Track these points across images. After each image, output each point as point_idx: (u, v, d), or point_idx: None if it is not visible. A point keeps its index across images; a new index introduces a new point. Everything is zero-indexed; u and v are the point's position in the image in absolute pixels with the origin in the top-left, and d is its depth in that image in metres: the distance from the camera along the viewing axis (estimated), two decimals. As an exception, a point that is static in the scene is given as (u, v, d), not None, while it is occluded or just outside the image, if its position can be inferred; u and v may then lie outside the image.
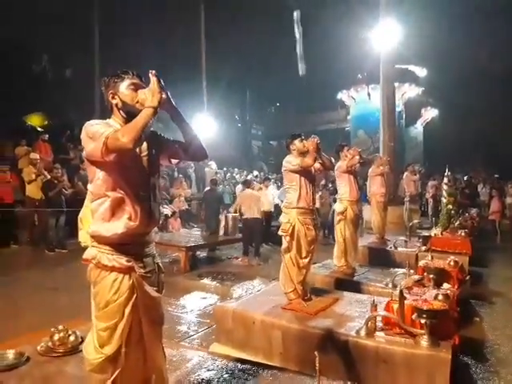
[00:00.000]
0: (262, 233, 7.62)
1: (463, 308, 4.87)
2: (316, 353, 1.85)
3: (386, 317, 3.23)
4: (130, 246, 1.91)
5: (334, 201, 13.41)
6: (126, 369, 1.96)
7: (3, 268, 6.06)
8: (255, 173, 12.77)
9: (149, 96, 1.83)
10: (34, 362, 2.71)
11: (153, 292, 1.98)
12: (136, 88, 1.94)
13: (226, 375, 2.62)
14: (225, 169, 14.10)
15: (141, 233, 1.95)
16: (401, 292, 3.09)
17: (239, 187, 11.10)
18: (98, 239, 1.89)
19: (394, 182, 10.52)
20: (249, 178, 10.96)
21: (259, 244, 7.48)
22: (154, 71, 1.89)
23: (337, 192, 5.67)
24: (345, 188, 5.29)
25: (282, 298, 3.94)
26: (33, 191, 7.22)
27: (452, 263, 4.68)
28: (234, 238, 7.66)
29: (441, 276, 4.51)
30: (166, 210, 9.74)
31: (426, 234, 6.28)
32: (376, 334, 3.16)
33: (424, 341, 2.95)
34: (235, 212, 7.98)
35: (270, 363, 3.41)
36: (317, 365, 1.81)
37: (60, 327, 2.98)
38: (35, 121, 15.37)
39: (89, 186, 1.95)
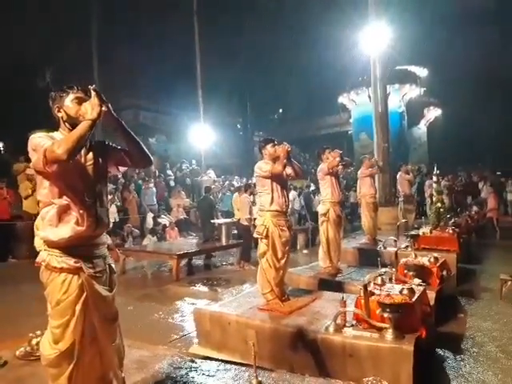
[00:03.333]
0: (250, 238, 7.72)
1: (448, 304, 4.95)
2: (251, 342, 1.94)
3: (355, 312, 3.32)
4: (78, 248, 2.04)
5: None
6: (82, 365, 2.08)
7: (2, 281, 6.26)
8: (254, 179, 12.90)
9: (89, 109, 1.97)
10: (11, 366, 2.86)
11: (103, 291, 2.10)
12: (80, 102, 2.08)
13: (192, 373, 2.70)
14: (223, 177, 14.27)
15: (89, 236, 2.07)
16: (365, 287, 3.18)
17: (236, 194, 11.24)
18: (48, 243, 2.02)
19: (390, 183, 10.58)
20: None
21: (248, 249, 7.59)
22: (93, 86, 2.04)
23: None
24: (327, 190, 5.38)
25: (262, 299, 4.03)
26: (29, 206, 7.43)
27: (432, 260, 4.74)
28: (226, 244, 7.75)
29: (420, 273, 4.58)
30: (164, 219, 9.92)
31: (414, 233, 6.31)
32: (344, 329, 3.23)
33: (388, 334, 3.02)
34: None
35: (246, 362, 3.51)
36: (253, 353, 1.89)
37: (38, 332, 3.11)
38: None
39: (37, 195, 2.09)
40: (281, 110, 32.09)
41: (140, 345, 3.21)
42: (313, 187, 11.79)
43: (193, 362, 2.90)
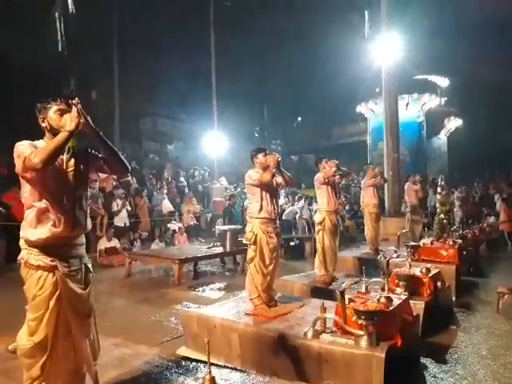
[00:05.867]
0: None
1: (443, 315, 4.95)
2: (206, 340, 2.05)
3: (334, 319, 3.39)
4: (55, 248, 2.22)
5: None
6: (56, 358, 2.24)
7: (10, 281, 6.54)
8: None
9: (68, 121, 2.15)
10: (2, 358, 3.09)
11: (77, 289, 2.27)
12: (62, 113, 2.27)
13: (166, 371, 2.84)
14: (235, 184, 14.48)
15: (66, 237, 2.25)
16: (341, 294, 3.26)
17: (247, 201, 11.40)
18: (27, 243, 2.22)
19: (400, 193, 10.52)
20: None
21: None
22: (75, 100, 2.22)
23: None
24: (323, 199, 5.47)
25: (251, 304, 4.14)
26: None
27: (424, 270, 4.75)
28: (230, 250, 7.84)
29: (412, 283, 4.61)
30: (174, 225, 10.14)
31: (415, 244, 6.30)
32: (322, 335, 3.31)
33: (363, 341, 3.08)
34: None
35: (230, 365, 3.63)
36: (206, 350, 2.01)
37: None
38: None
39: (21, 198, 2.28)
40: (299, 119, 32.18)
41: (125, 343, 3.38)
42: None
43: (170, 361, 3.05)
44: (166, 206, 10.85)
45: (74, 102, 2.19)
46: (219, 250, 7.76)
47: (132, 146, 18.93)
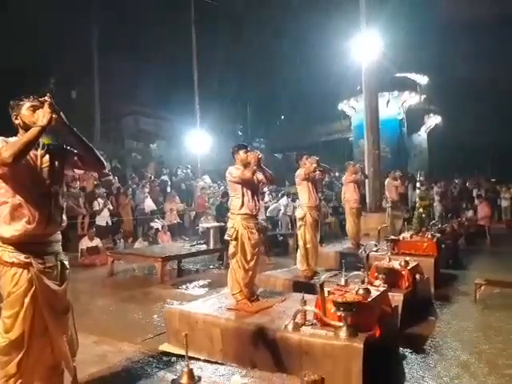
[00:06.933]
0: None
1: (422, 307, 5.06)
2: (184, 333, 2.07)
3: (314, 312, 3.44)
4: (29, 244, 2.20)
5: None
6: (32, 354, 2.22)
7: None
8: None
9: (40, 116, 2.14)
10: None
11: (53, 285, 2.25)
12: (35, 110, 2.25)
13: (146, 366, 2.84)
14: (219, 182, 14.47)
15: (40, 234, 2.23)
16: (321, 287, 3.30)
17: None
18: (1, 239, 2.19)
19: (380, 189, 10.66)
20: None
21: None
22: (47, 96, 2.21)
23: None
24: (304, 195, 5.52)
25: (233, 300, 4.17)
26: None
27: (402, 263, 4.85)
28: (214, 248, 7.83)
29: (391, 276, 4.70)
30: (157, 224, 10.09)
31: (394, 238, 6.41)
32: (302, 328, 3.35)
33: (342, 332, 3.13)
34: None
35: (212, 359, 3.65)
36: (185, 343, 2.02)
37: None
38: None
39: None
40: (282, 117, 32.29)
41: (107, 341, 3.36)
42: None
43: (151, 357, 3.05)
44: (149, 204, 10.82)
45: (46, 97, 2.18)
46: (203, 247, 7.74)
47: (114, 145, 18.72)
